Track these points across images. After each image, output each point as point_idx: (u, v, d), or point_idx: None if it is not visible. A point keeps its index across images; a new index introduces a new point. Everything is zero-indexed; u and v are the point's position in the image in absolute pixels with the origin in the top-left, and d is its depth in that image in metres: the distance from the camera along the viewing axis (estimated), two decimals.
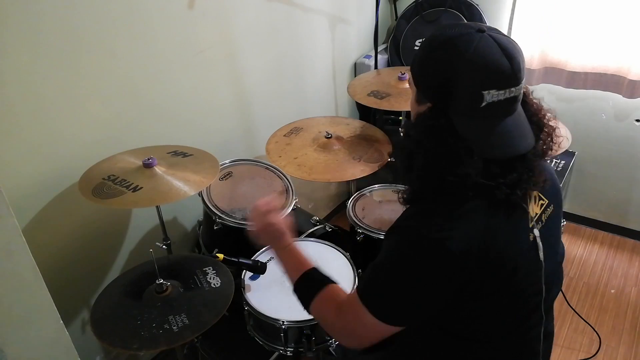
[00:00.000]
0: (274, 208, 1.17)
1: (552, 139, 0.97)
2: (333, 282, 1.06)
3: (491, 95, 0.85)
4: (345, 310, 0.98)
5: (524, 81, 0.89)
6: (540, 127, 0.96)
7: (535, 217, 0.97)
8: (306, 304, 1.04)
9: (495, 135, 0.88)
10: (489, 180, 0.87)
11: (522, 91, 0.89)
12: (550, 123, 0.98)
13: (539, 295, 1.01)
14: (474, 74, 0.85)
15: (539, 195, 0.99)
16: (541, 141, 0.95)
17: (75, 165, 1.49)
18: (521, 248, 0.94)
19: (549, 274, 1.01)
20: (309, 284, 1.05)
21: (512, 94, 0.86)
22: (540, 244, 0.98)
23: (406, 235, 0.92)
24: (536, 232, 0.97)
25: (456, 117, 0.88)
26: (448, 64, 0.87)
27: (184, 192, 1.39)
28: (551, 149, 0.97)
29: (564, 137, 1.86)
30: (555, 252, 1.05)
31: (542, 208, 1.00)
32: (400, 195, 1.00)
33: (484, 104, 0.85)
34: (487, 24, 2.42)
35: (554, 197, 1.04)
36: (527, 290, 0.98)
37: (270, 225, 1.14)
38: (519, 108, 0.91)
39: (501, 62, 0.85)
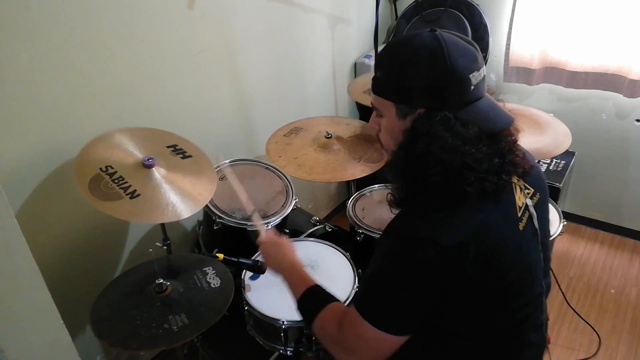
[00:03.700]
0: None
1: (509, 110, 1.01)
2: (337, 300, 1.05)
3: (475, 78, 0.89)
4: (347, 325, 0.95)
5: None
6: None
7: (522, 206, 0.98)
8: (309, 319, 1.03)
9: (489, 112, 0.92)
10: (481, 173, 0.88)
11: None
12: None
13: (539, 264, 1.03)
14: (459, 61, 0.87)
15: (524, 185, 1.01)
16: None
17: (69, 152, 1.45)
18: (516, 224, 0.96)
19: (544, 239, 1.05)
20: (313, 299, 1.05)
21: (484, 72, 0.91)
22: (534, 212, 1.00)
23: (398, 238, 0.92)
24: (529, 201, 1.00)
25: (455, 109, 0.89)
26: (432, 63, 0.88)
27: (179, 213, 1.38)
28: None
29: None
30: (544, 220, 1.07)
31: (529, 196, 1.02)
32: (390, 196, 1.00)
33: (472, 87, 0.89)
34: (488, 24, 2.45)
35: (539, 186, 1.05)
36: (532, 264, 1.00)
37: (277, 242, 1.22)
38: None
39: (469, 46, 0.90)
